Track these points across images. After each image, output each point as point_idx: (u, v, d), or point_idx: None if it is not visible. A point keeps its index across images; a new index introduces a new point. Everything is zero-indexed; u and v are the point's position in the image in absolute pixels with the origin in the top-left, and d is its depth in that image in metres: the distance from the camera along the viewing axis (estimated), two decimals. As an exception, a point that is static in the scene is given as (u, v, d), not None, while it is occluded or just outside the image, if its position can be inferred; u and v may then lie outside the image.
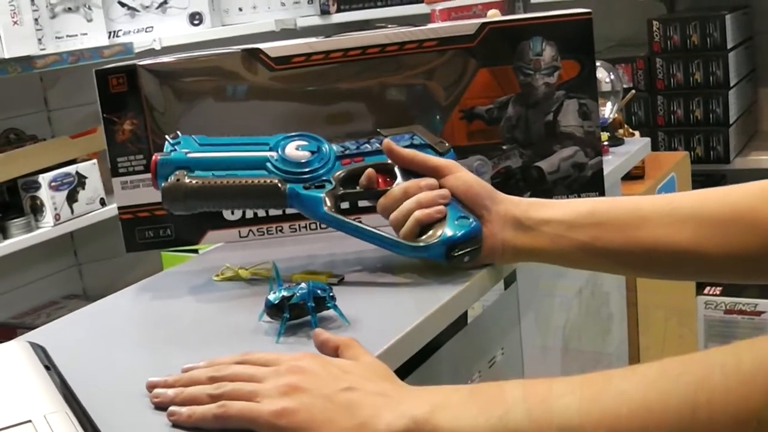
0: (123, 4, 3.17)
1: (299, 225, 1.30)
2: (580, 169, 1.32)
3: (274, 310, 0.97)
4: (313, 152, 1.15)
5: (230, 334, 1.00)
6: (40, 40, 2.73)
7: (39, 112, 3.23)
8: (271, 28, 3.35)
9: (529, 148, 1.31)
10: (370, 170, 1.15)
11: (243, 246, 1.30)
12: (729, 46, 2.90)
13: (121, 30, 3.16)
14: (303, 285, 0.96)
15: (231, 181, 1.11)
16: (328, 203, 1.11)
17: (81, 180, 2.87)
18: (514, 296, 1.42)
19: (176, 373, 0.86)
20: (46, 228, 2.78)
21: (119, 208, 1.30)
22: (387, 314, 1.02)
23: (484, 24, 1.28)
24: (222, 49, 1.30)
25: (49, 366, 0.89)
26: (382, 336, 0.93)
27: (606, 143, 1.83)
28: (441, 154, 1.18)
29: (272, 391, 0.79)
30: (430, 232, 1.09)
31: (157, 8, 3.20)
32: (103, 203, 2.93)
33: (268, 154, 1.14)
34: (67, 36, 2.88)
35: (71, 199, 2.84)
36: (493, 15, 1.64)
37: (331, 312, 0.97)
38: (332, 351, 0.88)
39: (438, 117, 1.30)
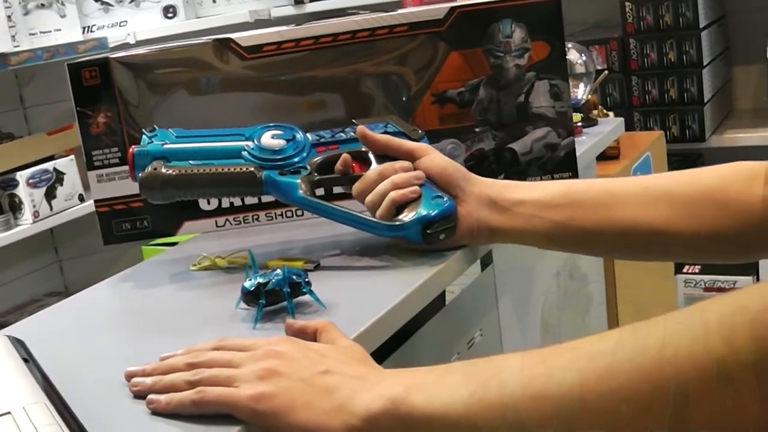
0: (96, -1, 3.16)
1: (275, 213, 1.30)
2: (553, 149, 1.33)
3: (250, 296, 0.97)
4: (288, 140, 1.16)
5: (208, 322, 1.01)
6: (13, 36, 2.73)
7: (15, 110, 3.22)
8: (245, 19, 3.35)
9: (502, 129, 1.32)
10: (345, 155, 1.15)
11: (220, 235, 1.31)
12: (702, 25, 2.92)
13: (95, 25, 3.16)
14: (278, 271, 0.97)
15: (207, 169, 1.12)
16: (304, 188, 1.12)
17: (59, 176, 2.87)
18: (491, 278, 1.42)
19: (154, 362, 0.87)
20: (26, 225, 2.78)
21: (96, 201, 1.30)
22: (363, 297, 1.03)
23: (453, 8, 1.29)
24: (193, 39, 1.30)
25: (28, 358, 0.90)
26: (359, 319, 0.94)
27: (579, 124, 1.84)
28: (415, 141, 1.18)
29: (249, 375, 0.79)
30: (406, 212, 1.10)
31: (131, 2, 3.20)
32: (81, 199, 2.92)
33: (243, 143, 1.15)
34: (41, 32, 2.88)
35: (50, 195, 2.84)
36: (464, -1, 1.64)
37: (307, 297, 0.98)
38: (311, 337, 0.88)
39: (410, 101, 1.30)
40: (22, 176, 2.75)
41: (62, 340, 1.04)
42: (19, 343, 0.94)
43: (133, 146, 1.14)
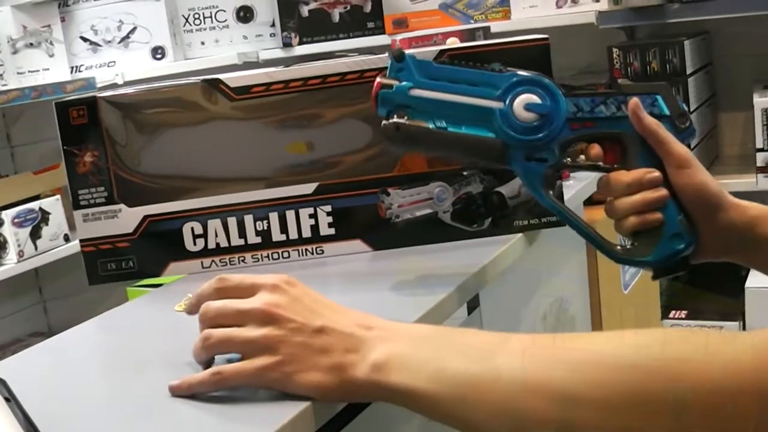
0: (85, 39, 3.17)
1: (261, 255, 1.30)
2: (541, 193, 1.32)
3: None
4: (542, 115, 1.09)
5: (192, 363, 1.00)
6: (1, 75, 2.74)
7: (2, 149, 3.22)
8: (233, 61, 3.35)
9: (490, 173, 1.32)
10: (596, 149, 1.11)
11: (206, 277, 1.29)
12: (688, 71, 2.93)
13: (83, 65, 3.16)
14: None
15: (452, 136, 1.07)
16: (548, 181, 1.10)
17: (44, 216, 2.85)
18: (478, 321, 1.42)
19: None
20: (10, 265, 2.77)
21: (81, 240, 1.30)
22: (349, 340, 1.02)
23: (442, 51, 1.29)
24: (182, 79, 1.30)
25: (10, 398, 0.89)
26: (345, 362, 0.93)
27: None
28: (680, 132, 1.11)
29: (254, 346, 0.84)
30: (642, 243, 1.08)
31: (120, 43, 3.20)
32: (67, 239, 2.91)
33: (494, 104, 1.09)
34: (29, 71, 2.88)
35: (35, 235, 2.82)
36: (452, 43, 1.65)
37: (293, 339, 0.97)
38: None
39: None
40: (7, 215, 2.74)
41: (45, 380, 1.02)
42: (1, 383, 0.93)
43: (378, 80, 1.09)
